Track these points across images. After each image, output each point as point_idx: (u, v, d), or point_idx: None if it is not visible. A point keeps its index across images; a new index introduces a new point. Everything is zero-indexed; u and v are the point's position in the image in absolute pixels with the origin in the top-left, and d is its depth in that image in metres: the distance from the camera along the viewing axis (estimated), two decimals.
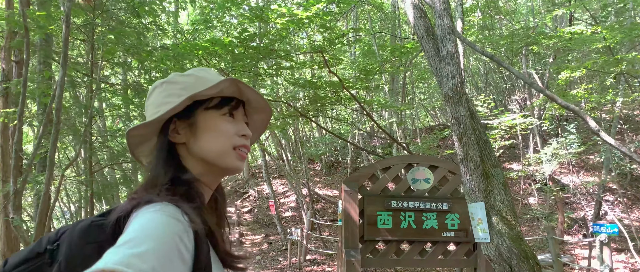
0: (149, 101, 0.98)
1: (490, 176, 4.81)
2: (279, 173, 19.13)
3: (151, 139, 0.97)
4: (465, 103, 4.74)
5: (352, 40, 10.30)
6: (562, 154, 9.07)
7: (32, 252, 0.86)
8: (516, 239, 4.58)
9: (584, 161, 14.25)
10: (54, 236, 0.87)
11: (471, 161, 4.68)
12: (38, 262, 0.85)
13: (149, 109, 0.97)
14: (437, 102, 20.26)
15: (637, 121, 15.63)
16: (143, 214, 0.76)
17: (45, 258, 0.85)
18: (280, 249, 12.47)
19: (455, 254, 6.04)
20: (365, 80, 7.65)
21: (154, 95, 0.97)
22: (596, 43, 7.24)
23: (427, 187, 5.96)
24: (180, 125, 0.95)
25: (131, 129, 0.95)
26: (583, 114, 5.01)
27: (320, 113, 8.78)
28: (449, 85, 4.72)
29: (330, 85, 7.13)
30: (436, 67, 5.03)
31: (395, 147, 14.79)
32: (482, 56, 18.08)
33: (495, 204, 4.72)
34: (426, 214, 5.89)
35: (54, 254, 0.84)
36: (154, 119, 0.92)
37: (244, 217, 16.14)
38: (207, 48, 5.91)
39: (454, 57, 4.77)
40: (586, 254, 8.59)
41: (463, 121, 4.68)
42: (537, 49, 9.96)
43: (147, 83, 6.66)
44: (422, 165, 6.00)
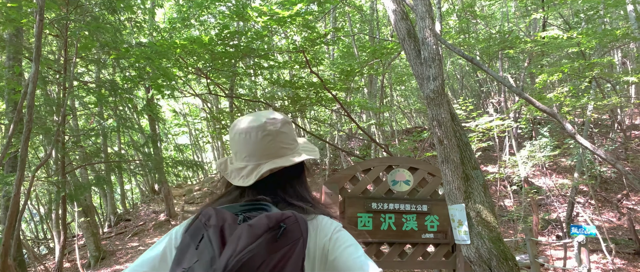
0: (285, 131, 1.28)
1: (471, 178, 4.86)
2: None
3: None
4: (446, 105, 4.77)
5: (333, 40, 10.28)
6: (538, 156, 9.25)
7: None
8: (496, 241, 4.63)
9: (556, 163, 14.62)
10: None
11: (452, 163, 4.71)
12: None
13: (287, 138, 1.28)
14: (414, 104, 20.47)
15: (607, 125, 16.14)
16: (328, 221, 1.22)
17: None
18: None
19: (435, 255, 6.07)
20: (345, 81, 7.62)
21: (289, 129, 1.30)
22: (572, 47, 7.43)
23: (407, 189, 5.97)
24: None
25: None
26: (560, 117, 5.11)
27: (299, 114, 8.71)
28: (431, 88, 4.74)
29: (310, 85, 7.07)
30: (417, 69, 5.05)
31: (373, 148, 14.84)
32: (458, 60, 18.36)
33: (475, 206, 4.76)
34: (406, 216, 5.89)
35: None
36: (309, 157, 1.33)
37: None
38: (185, 46, 5.77)
39: (436, 59, 4.79)
40: (560, 255, 8.80)
41: (444, 123, 4.70)
42: (513, 53, 10.16)
43: (123, 81, 6.46)
44: (402, 167, 6.01)
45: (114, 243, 13.52)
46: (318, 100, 7.42)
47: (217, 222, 1.05)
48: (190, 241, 1.06)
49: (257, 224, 1.02)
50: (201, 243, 1.02)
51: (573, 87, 8.62)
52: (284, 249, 1.01)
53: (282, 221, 1.04)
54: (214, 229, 1.03)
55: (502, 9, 19.87)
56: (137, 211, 16.88)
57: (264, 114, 1.30)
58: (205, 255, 0.99)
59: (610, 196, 13.03)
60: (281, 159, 1.24)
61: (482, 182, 4.85)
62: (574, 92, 8.59)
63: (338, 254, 1.13)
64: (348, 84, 7.93)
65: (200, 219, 1.09)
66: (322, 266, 1.14)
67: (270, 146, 1.24)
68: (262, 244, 0.98)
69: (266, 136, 1.24)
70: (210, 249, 0.99)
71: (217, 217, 1.06)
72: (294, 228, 1.05)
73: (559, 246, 9.32)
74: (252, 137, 1.24)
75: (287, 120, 1.31)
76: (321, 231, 1.17)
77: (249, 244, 0.97)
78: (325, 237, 1.15)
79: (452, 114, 4.94)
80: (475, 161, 4.94)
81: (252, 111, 10.55)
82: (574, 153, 12.55)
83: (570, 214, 10.40)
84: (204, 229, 1.05)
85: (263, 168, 1.22)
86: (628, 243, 9.53)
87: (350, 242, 1.17)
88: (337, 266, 1.11)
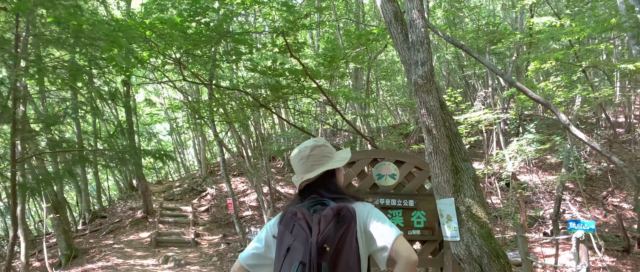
0: (314, 153, 1.93)
1: (460, 171, 4.55)
2: (239, 171, 18.52)
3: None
4: (435, 92, 4.45)
5: (316, 24, 9.92)
6: (528, 150, 9.04)
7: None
8: (487, 237, 4.33)
9: (542, 160, 14.52)
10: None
11: (441, 155, 4.40)
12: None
13: (315, 158, 1.93)
14: (401, 98, 20.22)
15: (592, 123, 16.12)
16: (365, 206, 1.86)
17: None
18: (238, 250, 11.93)
19: (421, 253, 5.77)
20: (329, 68, 7.25)
21: (318, 151, 1.94)
22: (565, 36, 7.20)
23: (392, 183, 5.66)
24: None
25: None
26: (554, 107, 4.82)
27: (282, 104, 8.32)
28: (419, 73, 4.42)
29: (292, 73, 6.68)
30: (404, 54, 4.73)
31: (358, 143, 14.53)
32: (444, 55, 18.17)
33: (465, 200, 4.45)
34: (392, 212, 5.59)
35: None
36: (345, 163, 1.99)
37: (201, 217, 15.45)
38: (155, 26, 5.33)
39: (424, 43, 4.47)
40: (549, 252, 8.61)
41: (433, 112, 4.39)
42: (501, 46, 9.93)
43: (86, 63, 5.96)
44: (388, 160, 5.70)
45: (88, 241, 12.97)
46: (300, 90, 7.05)
47: (302, 215, 1.70)
48: (284, 229, 1.72)
49: (327, 214, 1.68)
50: (294, 229, 1.68)
51: (565, 77, 8.42)
52: (343, 227, 1.66)
53: (340, 210, 1.69)
54: (302, 220, 1.68)
55: (488, 6, 19.77)
56: (113, 208, 16.29)
57: (304, 144, 1.99)
58: (300, 235, 1.64)
59: (595, 193, 12.97)
60: (310, 173, 1.89)
61: (473, 175, 4.55)
62: (566, 82, 8.40)
63: (370, 226, 1.75)
64: (332, 71, 7.56)
65: (288, 214, 1.75)
66: (365, 235, 1.75)
67: (304, 166, 1.91)
68: (331, 226, 1.64)
69: (301, 160, 1.92)
70: (302, 232, 1.64)
71: (301, 212, 1.72)
72: (347, 214, 1.69)
73: (548, 243, 9.15)
74: (295, 162, 1.95)
75: (317, 145, 1.96)
76: (360, 212, 1.78)
77: (326, 227, 1.63)
78: (364, 216, 1.78)
79: (441, 102, 4.62)
80: (465, 153, 4.64)
81: (233, 102, 10.19)
82: (560, 149, 12.41)
83: (558, 211, 10.26)
84: (293, 220, 1.70)
85: (302, 179, 1.90)
86: (615, 240, 9.40)
87: (379, 217, 1.79)
88: (371, 234, 1.74)
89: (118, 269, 10.26)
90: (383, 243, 1.69)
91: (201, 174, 19.48)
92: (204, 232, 14.05)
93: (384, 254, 1.71)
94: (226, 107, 8.66)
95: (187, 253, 11.97)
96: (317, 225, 1.63)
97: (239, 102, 8.07)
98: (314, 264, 1.56)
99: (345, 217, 1.66)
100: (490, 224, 4.48)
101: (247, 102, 7.71)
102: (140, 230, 13.86)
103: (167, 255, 11.24)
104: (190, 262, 11.11)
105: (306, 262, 1.57)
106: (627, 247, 8.75)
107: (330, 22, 12.87)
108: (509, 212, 9.80)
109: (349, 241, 1.64)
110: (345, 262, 1.61)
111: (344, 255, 1.62)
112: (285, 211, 1.78)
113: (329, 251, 1.59)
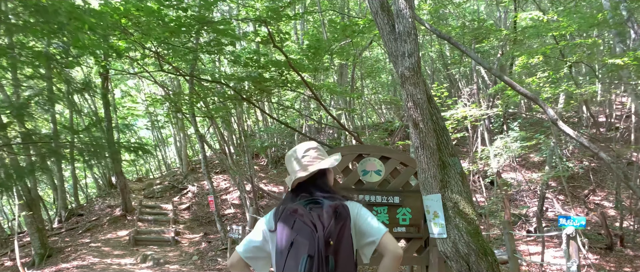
0: (306, 154, 2.10)
1: (448, 166, 4.42)
2: (222, 168, 18.23)
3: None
4: (422, 85, 4.31)
5: (300, 14, 9.68)
6: (513, 148, 9.00)
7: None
8: (475, 234, 4.21)
9: (524, 158, 14.59)
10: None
11: (428, 149, 4.26)
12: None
13: (307, 159, 2.09)
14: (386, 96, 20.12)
15: (573, 122, 16.26)
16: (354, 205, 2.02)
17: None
18: (219, 249, 11.68)
19: (407, 250, 5.64)
20: (313, 59, 7.04)
21: (310, 154, 2.10)
22: (553, 31, 7.16)
23: (377, 179, 5.52)
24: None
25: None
26: (542, 103, 4.72)
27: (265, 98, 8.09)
28: (406, 65, 4.27)
29: (275, 65, 6.46)
30: (391, 45, 4.57)
31: (343, 140, 14.40)
32: (429, 53, 18.14)
33: (452, 197, 4.33)
34: (377, 208, 5.45)
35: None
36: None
37: (182, 215, 15.12)
38: (131, 13, 5.05)
39: (412, 33, 4.32)
40: (533, 250, 8.60)
41: (420, 105, 4.25)
42: (486, 43, 9.87)
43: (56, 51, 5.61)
44: (373, 156, 5.56)
45: (63, 240, 12.55)
46: (284, 83, 6.84)
47: (302, 212, 1.86)
48: (284, 224, 1.86)
49: (327, 211, 1.85)
50: (295, 224, 1.83)
51: (553, 73, 8.40)
52: (341, 223, 1.84)
53: (337, 207, 1.87)
54: (305, 217, 1.84)
55: (472, 6, 19.81)
56: (91, 206, 15.83)
57: (297, 147, 2.13)
58: (303, 231, 1.80)
59: (577, 191, 13.07)
60: (303, 172, 2.00)
61: (460, 170, 4.43)
62: (553, 78, 8.37)
63: (360, 223, 1.94)
64: (317, 63, 7.36)
65: (287, 211, 1.89)
66: (355, 230, 1.93)
67: (298, 165, 2.05)
68: (332, 222, 1.82)
69: (295, 160, 2.08)
70: (306, 228, 1.80)
71: (300, 208, 1.88)
72: (343, 211, 1.88)
73: (532, 241, 9.14)
74: (289, 162, 2.11)
75: (311, 147, 2.11)
76: (352, 210, 1.94)
77: (329, 222, 1.81)
78: (355, 214, 1.95)
79: (428, 95, 4.48)
80: (452, 148, 4.52)
81: (215, 97, 9.93)
82: (543, 148, 12.43)
83: (542, 209, 10.27)
84: (294, 216, 1.85)
85: (295, 178, 2.00)
86: (598, 238, 9.45)
87: (368, 215, 1.97)
88: (361, 229, 1.94)
89: (94, 268, 9.92)
90: (372, 238, 1.91)
91: (182, 171, 19.11)
92: (184, 231, 13.74)
93: (371, 248, 1.93)
94: (207, 101, 8.43)
95: (166, 252, 11.66)
96: (319, 221, 1.80)
97: (220, 95, 7.81)
98: (323, 256, 1.73)
99: (341, 214, 1.86)
100: (477, 221, 4.37)
101: (229, 96, 7.47)
102: (119, 228, 13.48)
103: (145, 254, 10.92)
104: (169, 261, 10.83)
105: (313, 255, 1.73)
106: (610, 245, 8.79)
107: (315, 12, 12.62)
108: (494, 209, 9.76)
109: (346, 236, 1.85)
110: (344, 255, 1.82)
111: (343, 249, 1.82)
112: (282, 207, 1.94)
113: (332, 245, 1.78)
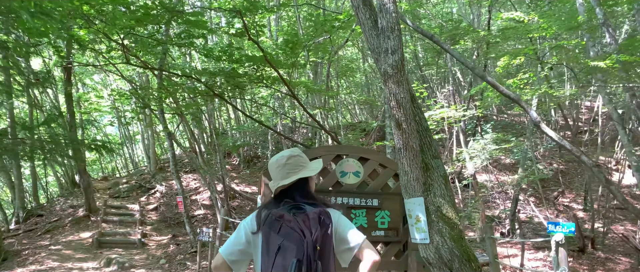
0: (289, 162, 2.15)
1: (431, 168, 4.26)
2: (192, 167, 17.70)
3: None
4: (405, 83, 4.13)
5: (276, 6, 9.40)
6: (491, 149, 8.99)
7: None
8: (458, 240, 4.06)
9: (496, 161, 14.74)
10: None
11: (411, 151, 4.08)
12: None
13: (291, 167, 2.14)
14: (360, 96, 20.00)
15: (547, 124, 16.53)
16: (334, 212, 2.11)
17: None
18: (188, 252, 11.25)
19: (385, 255, 5.46)
20: (290, 55, 6.76)
21: (293, 161, 2.15)
22: (534, 32, 7.15)
23: (356, 181, 5.32)
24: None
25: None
26: (524, 104, 4.62)
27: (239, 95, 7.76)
28: (389, 62, 4.08)
29: (250, 60, 6.17)
30: (373, 41, 4.37)
31: (317, 140, 14.18)
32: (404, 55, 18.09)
33: (435, 200, 4.16)
34: (355, 211, 5.26)
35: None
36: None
37: (149, 216, 14.56)
38: None
39: (395, 29, 4.14)
40: (506, 253, 8.60)
41: (403, 104, 4.06)
42: (462, 44, 9.87)
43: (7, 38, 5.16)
44: (352, 156, 5.35)
45: (21, 242, 11.84)
46: (259, 79, 6.55)
47: (289, 218, 1.95)
48: (269, 229, 1.96)
49: (313, 217, 1.96)
50: (282, 229, 1.92)
51: (533, 74, 8.42)
52: (324, 229, 1.96)
53: (320, 214, 1.99)
54: (292, 222, 1.93)
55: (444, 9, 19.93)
56: (52, 206, 15.04)
57: (281, 153, 2.24)
58: (291, 235, 1.90)
59: (546, 193, 13.27)
60: (286, 179, 2.12)
61: (443, 173, 4.27)
62: (533, 79, 8.40)
63: (341, 230, 2.08)
64: (294, 59, 7.09)
65: (272, 216, 1.99)
66: (335, 236, 2.05)
67: (281, 172, 2.15)
68: (318, 228, 1.93)
69: (278, 167, 2.16)
70: (293, 233, 1.89)
71: (286, 214, 1.97)
72: (326, 218, 2.00)
73: (505, 243, 9.16)
74: (273, 169, 2.19)
75: (293, 155, 2.19)
76: (333, 217, 2.07)
77: (316, 227, 1.92)
78: (335, 220, 2.08)
79: (411, 94, 4.30)
80: (435, 149, 4.36)
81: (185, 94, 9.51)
82: (515, 151, 12.55)
83: (515, 211, 10.34)
84: (279, 221, 1.95)
85: (278, 185, 2.12)
86: (568, 241, 9.55)
87: (347, 222, 2.13)
88: (340, 236, 2.07)
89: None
90: (352, 244, 2.02)
91: (150, 170, 18.45)
92: (151, 232, 13.21)
93: (350, 254, 2.04)
94: (177, 97, 8.04)
95: (132, 255, 11.15)
96: (306, 227, 1.90)
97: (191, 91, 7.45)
98: (312, 260, 1.83)
99: (324, 221, 1.96)
100: (460, 225, 4.22)
101: (200, 91, 7.12)
102: (82, 230, 12.83)
103: (110, 257, 10.40)
104: (135, 264, 10.34)
105: (301, 259, 1.82)
106: (582, 247, 8.91)
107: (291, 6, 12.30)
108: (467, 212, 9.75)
109: (329, 241, 1.96)
110: (327, 259, 1.93)
111: (326, 254, 1.93)
112: (266, 212, 2.03)
113: (319, 249, 1.87)
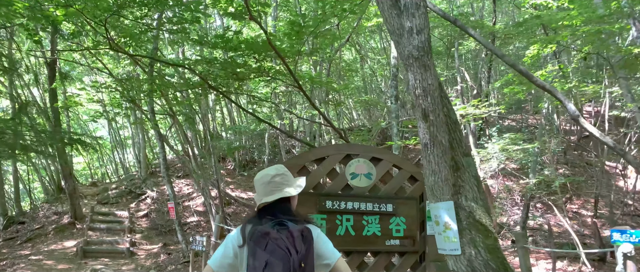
0: (275, 180, 2.22)
1: (461, 167, 3.69)
2: (184, 172, 17.01)
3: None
4: (433, 68, 3.56)
5: None
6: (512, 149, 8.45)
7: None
8: (494, 250, 3.48)
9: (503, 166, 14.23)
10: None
11: (439, 146, 3.51)
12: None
13: (275, 185, 2.21)
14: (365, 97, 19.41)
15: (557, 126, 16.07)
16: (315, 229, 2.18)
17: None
18: (180, 262, 10.59)
19: (401, 267, 4.88)
20: (294, 43, 6.17)
21: (279, 179, 2.23)
22: (563, 20, 6.63)
23: (368, 183, 4.76)
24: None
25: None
26: (562, 97, 4.06)
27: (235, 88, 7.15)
28: (414, 43, 3.51)
29: (250, 47, 5.58)
30: (393, 21, 3.80)
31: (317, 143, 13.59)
32: None
33: (467, 204, 3.58)
34: (367, 218, 4.69)
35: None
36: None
37: (139, 223, 13.84)
38: None
39: (421, 5, 3.57)
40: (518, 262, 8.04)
41: (431, 92, 3.49)
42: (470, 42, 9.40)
43: None
44: (363, 157, 4.77)
45: (0, 251, 11.11)
46: (259, 71, 5.94)
47: (275, 235, 2.00)
48: (255, 245, 2.00)
49: (297, 236, 2.03)
50: (268, 246, 1.96)
51: (563, 65, 7.92)
52: (307, 245, 2.04)
53: (303, 231, 2.07)
54: (279, 240, 1.99)
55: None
56: (35, 212, 14.29)
57: (266, 171, 2.29)
58: (277, 253, 1.94)
59: (554, 199, 12.77)
60: (269, 196, 2.18)
61: (475, 172, 3.70)
62: (564, 71, 7.88)
63: (319, 246, 2.14)
64: (299, 47, 6.48)
65: (258, 233, 2.03)
66: (315, 252, 2.11)
67: (265, 189, 2.22)
68: (303, 246, 2.02)
69: (262, 184, 2.23)
70: (279, 250, 1.94)
71: (271, 231, 2.03)
72: (308, 235, 2.08)
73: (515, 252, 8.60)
74: (258, 185, 2.26)
75: (278, 173, 2.26)
76: (313, 233, 2.13)
77: (301, 246, 2.01)
78: (315, 237, 2.13)
79: (439, 82, 3.74)
80: (466, 145, 3.78)
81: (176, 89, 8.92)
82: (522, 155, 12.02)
83: (526, 218, 9.81)
84: (266, 238, 1.99)
85: (261, 201, 2.19)
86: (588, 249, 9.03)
87: (326, 239, 2.20)
88: (319, 252, 2.12)
89: None
90: (328, 261, 2.12)
91: (141, 175, 17.74)
92: (141, 241, 12.51)
93: (327, 270, 2.12)
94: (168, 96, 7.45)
95: (120, 265, 10.46)
96: (292, 245, 1.98)
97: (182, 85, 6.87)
98: None
99: (307, 237, 2.05)
100: (495, 233, 3.64)
101: (194, 83, 6.52)
102: (66, 238, 12.11)
103: (95, 268, 9.73)
104: None
105: None
106: (603, 256, 8.39)
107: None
108: None
109: (311, 257, 2.05)
110: None
111: (308, 269, 2.01)
112: (253, 228, 2.08)
113: (303, 267, 1.98)
